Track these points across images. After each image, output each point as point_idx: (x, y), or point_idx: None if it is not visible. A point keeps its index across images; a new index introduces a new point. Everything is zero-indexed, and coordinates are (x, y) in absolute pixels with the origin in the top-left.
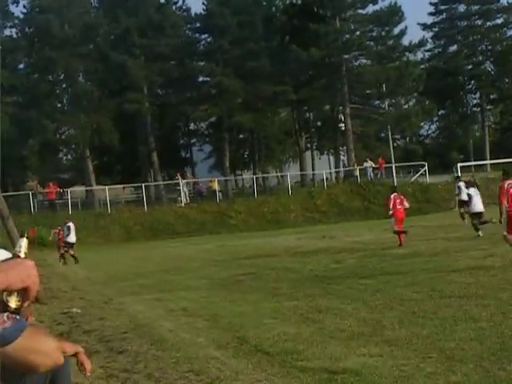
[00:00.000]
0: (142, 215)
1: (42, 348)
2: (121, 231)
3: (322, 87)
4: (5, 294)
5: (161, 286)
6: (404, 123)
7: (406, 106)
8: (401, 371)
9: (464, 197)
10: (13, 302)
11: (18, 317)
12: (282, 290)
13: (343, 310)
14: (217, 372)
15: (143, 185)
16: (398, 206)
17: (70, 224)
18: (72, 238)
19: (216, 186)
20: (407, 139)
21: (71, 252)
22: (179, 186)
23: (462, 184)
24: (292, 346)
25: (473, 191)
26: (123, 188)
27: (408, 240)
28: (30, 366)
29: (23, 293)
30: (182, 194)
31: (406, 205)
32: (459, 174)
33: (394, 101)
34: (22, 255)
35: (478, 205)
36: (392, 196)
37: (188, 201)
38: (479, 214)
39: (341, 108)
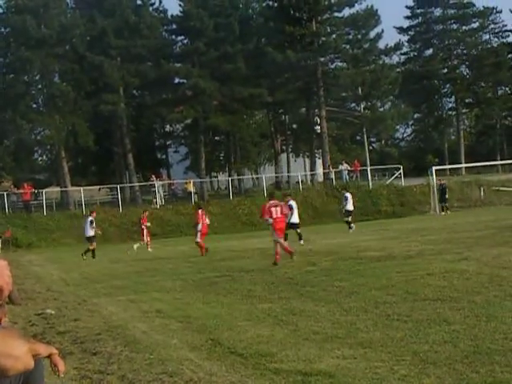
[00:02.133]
0: (117, 216)
1: (13, 352)
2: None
3: (297, 90)
4: None
5: (135, 287)
6: (380, 126)
7: (382, 109)
8: (374, 373)
9: (349, 207)
10: None
11: None
12: (256, 293)
13: (317, 312)
14: (191, 374)
15: (118, 186)
16: (277, 215)
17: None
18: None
19: (191, 188)
20: (383, 142)
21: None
22: (154, 187)
23: (348, 194)
24: (266, 348)
25: (293, 204)
26: (98, 189)
27: (383, 242)
28: (0, 369)
29: None
30: (158, 195)
31: (286, 211)
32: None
33: (369, 104)
34: None
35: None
36: (268, 203)
37: (163, 202)
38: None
39: (316, 111)
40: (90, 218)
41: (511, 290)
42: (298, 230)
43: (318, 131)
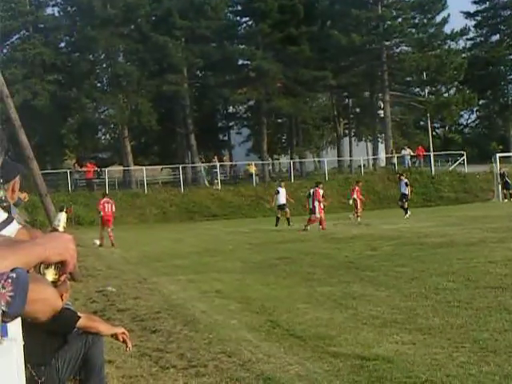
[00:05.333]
0: (179, 196)
1: (39, 296)
2: (157, 212)
3: (361, 73)
4: (42, 266)
5: (195, 267)
6: (444, 112)
7: (447, 95)
8: (433, 360)
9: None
10: (50, 275)
11: (13, 275)
12: (316, 276)
13: (377, 297)
14: (249, 354)
15: (180, 166)
16: (107, 211)
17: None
18: None
19: (253, 170)
20: (446, 128)
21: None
22: (216, 168)
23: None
24: (325, 331)
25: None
26: (161, 169)
27: (444, 229)
28: (30, 316)
29: (60, 266)
30: (219, 176)
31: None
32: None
33: (434, 89)
34: (61, 229)
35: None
36: (102, 200)
37: (223, 184)
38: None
39: (380, 95)
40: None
41: None
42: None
43: (382, 115)
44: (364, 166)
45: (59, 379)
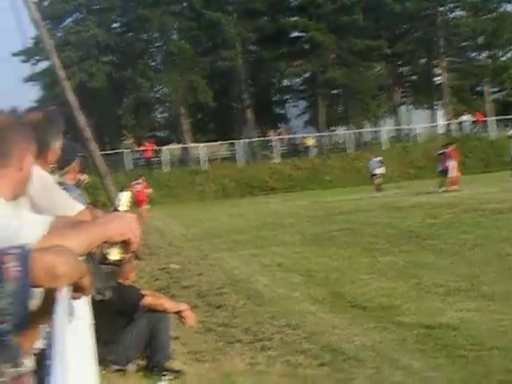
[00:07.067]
0: (237, 172)
1: (60, 259)
2: (216, 188)
3: (416, 40)
4: (106, 245)
5: (255, 241)
6: (502, 75)
7: (504, 58)
8: (499, 326)
9: None
10: (113, 255)
11: (17, 252)
12: (377, 246)
13: (440, 265)
14: (313, 326)
15: (238, 142)
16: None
17: None
18: None
19: (310, 142)
20: (505, 92)
21: None
22: (273, 142)
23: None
24: (388, 301)
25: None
26: (218, 145)
27: (505, 194)
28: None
29: (124, 245)
30: (276, 150)
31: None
32: None
33: (491, 53)
34: (123, 208)
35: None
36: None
37: (281, 158)
38: None
39: (436, 61)
40: None
41: None
42: None
43: (438, 82)
44: (422, 134)
45: (127, 356)
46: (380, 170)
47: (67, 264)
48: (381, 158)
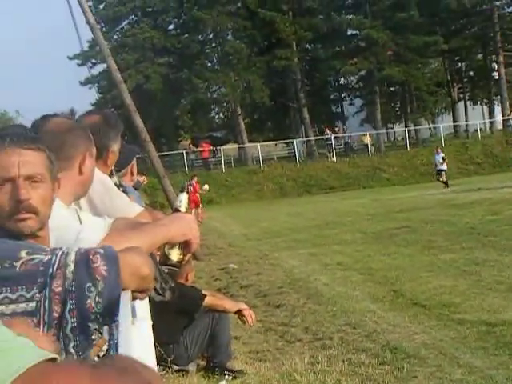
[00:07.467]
0: (295, 171)
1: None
2: (274, 187)
3: (473, 36)
4: (166, 247)
5: (315, 240)
6: None
7: None
8: None
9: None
10: (174, 255)
11: (101, 251)
12: (437, 243)
13: (501, 262)
14: (373, 325)
15: (295, 141)
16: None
17: None
18: None
19: (368, 140)
20: None
21: None
22: (330, 140)
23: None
24: (449, 298)
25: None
26: (275, 144)
27: None
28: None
29: (184, 246)
30: (333, 148)
31: None
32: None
33: None
34: (183, 209)
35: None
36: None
37: (339, 156)
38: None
39: (493, 56)
40: None
41: None
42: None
43: (496, 77)
44: (480, 129)
45: (188, 356)
46: (444, 167)
47: (149, 264)
48: (443, 154)
